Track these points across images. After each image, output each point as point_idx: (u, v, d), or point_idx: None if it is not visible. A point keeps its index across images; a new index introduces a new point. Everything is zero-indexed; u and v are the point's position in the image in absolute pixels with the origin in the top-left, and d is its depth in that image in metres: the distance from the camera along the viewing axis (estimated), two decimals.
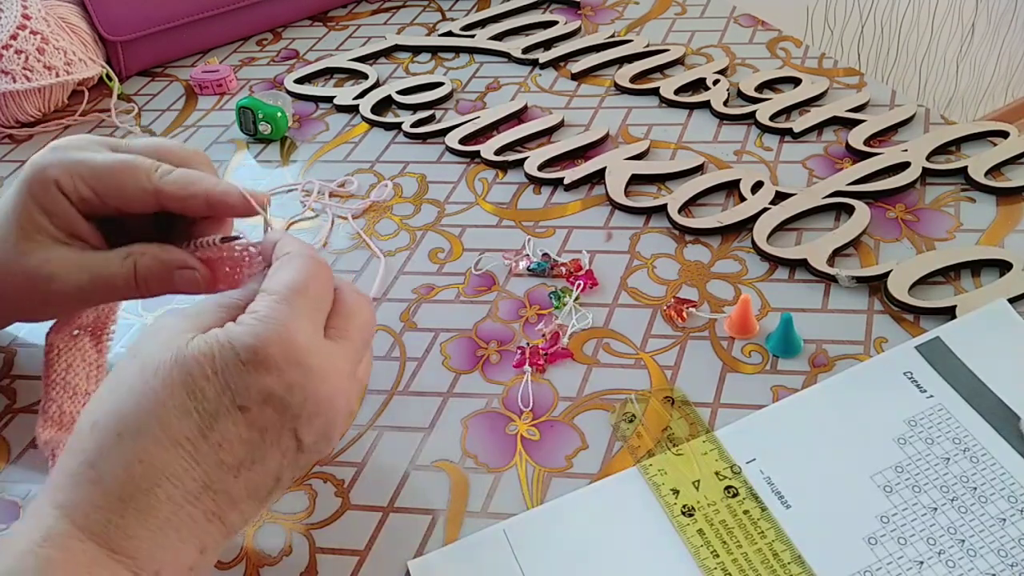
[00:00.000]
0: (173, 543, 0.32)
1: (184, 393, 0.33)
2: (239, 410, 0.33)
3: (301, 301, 0.35)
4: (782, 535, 0.39)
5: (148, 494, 0.32)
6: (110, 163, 0.42)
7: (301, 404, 0.34)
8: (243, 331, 0.34)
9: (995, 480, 0.40)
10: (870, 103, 0.65)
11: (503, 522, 0.41)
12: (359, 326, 0.38)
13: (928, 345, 0.46)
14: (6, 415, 0.50)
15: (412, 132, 0.67)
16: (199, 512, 0.33)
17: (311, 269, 0.37)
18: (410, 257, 0.57)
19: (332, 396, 0.35)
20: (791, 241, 0.54)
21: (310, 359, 0.34)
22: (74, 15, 0.76)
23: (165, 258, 0.42)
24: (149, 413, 0.32)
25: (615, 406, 0.46)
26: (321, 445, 0.36)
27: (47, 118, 0.75)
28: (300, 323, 0.34)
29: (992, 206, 0.55)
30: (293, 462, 0.35)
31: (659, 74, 0.72)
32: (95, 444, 0.33)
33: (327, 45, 0.82)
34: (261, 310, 0.34)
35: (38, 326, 0.54)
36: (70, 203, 0.42)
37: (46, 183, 0.41)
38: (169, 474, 0.32)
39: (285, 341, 0.34)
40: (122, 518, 0.32)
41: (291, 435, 0.34)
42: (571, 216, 0.59)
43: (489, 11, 0.83)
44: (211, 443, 0.33)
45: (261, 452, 0.34)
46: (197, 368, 0.33)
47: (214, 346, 0.33)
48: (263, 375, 0.33)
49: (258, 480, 0.34)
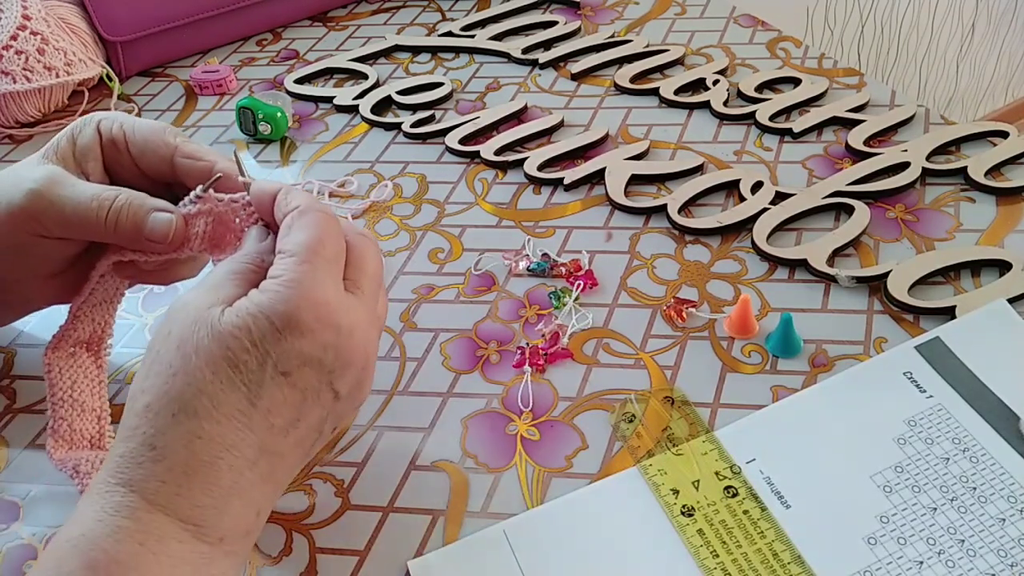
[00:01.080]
0: (236, 509, 0.34)
1: (228, 368, 0.34)
2: (282, 375, 0.35)
3: (321, 260, 0.36)
4: (782, 535, 0.39)
5: (211, 466, 0.33)
6: (149, 121, 0.46)
7: (335, 360, 0.36)
8: (272, 298, 0.35)
9: (995, 480, 0.40)
10: (870, 103, 0.65)
11: (503, 522, 0.41)
12: (370, 273, 0.39)
13: (928, 345, 0.46)
14: (6, 415, 0.50)
15: (412, 132, 0.67)
16: (256, 476, 0.35)
17: (323, 224, 0.37)
18: (410, 257, 0.57)
19: (361, 347, 0.37)
20: (791, 241, 0.54)
21: (339, 317, 0.36)
22: (74, 15, 0.76)
23: (146, 200, 0.42)
24: (199, 392, 0.34)
25: (615, 406, 0.46)
26: (356, 392, 0.38)
27: (47, 118, 0.75)
28: (325, 283, 0.36)
29: (992, 206, 0.55)
30: (332, 412, 0.37)
31: (659, 74, 0.72)
32: (152, 426, 0.34)
33: (327, 45, 0.82)
34: (285, 274, 0.35)
35: (38, 326, 0.55)
36: (99, 140, 0.44)
37: (90, 120, 0.45)
38: (228, 445, 0.34)
39: (315, 303, 0.35)
40: (188, 490, 0.33)
41: (329, 389, 0.36)
42: (571, 216, 0.59)
43: (489, 11, 0.83)
44: (260, 410, 0.34)
45: (305, 410, 0.36)
46: (235, 342, 0.34)
47: (247, 318, 0.34)
48: (299, 339, 0.35)
49: (303, 435, 0.36)
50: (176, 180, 0.44)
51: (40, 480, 0.45)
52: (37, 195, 0.42)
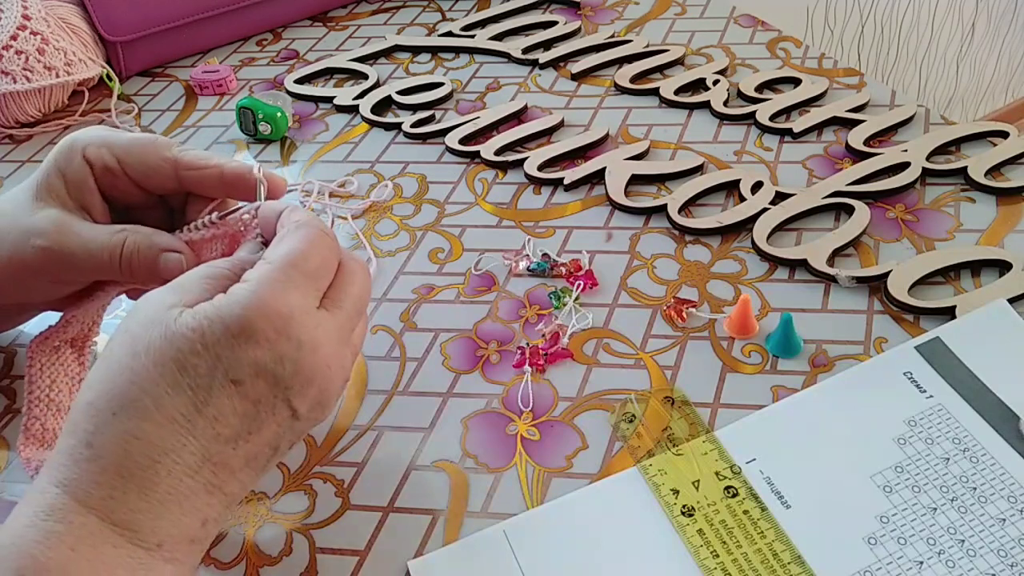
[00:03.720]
0: (174, 516, 0.33)
1: (176, 369, 0.33)
2: (232, 384, 0.33)
3: (296, 272, 0.35)
4: (782, 535, 0.39)
5: (147, 469, 0.32)
6: (136, 137, 0.43)
7: (293, 375, 0.34)
8: (232, 303, 0.34)
9: (995, 480, 0.40)
10: (870, 103, 0.65)
11: (503, 522, 0.41)
12: (353, 295, 0.38)
13: (928, 345, 0.46)
14: (6, 415, 0.50)
15: (412, 132, 0.67)
16: (199, 485, 0.33)
17: (314, 239, 0.37)
18: (410, 257, 0.57)
19: (324, 366, 0.35)
20: (791, 241, 0.54)
21: (301, 331, 0.34)
22: (74, 15, 0.76)
23: (154, 239, 0.42)
24: (142, 391, 0.33)
25: (615, 406, 0.46)
26: (316, 413, 0.36)
27: (47, 118, 0.75)
28: (291, 294, 0.34)
29: (992, 206, 0.55)
30: (289, 430, 0.36)
31: (659, 74, 0.72)
32: (92, 424, 0.33)
33: (327, 45, 0.82)
34: (253, 279, 0.34)
35: (38, 326, 0.54)
36: (91, 171, 0.43)
37: (73, 150, 0.43)
38: (167, 449, 0.32)
39: (274, 313, 0.34)
40: (123, 493, 0.32)
41: (285, 405, 0.35)
42: (571, 216, 0.59)
43: (489, 11, 0.83)
44: (206, 417, 0.33)
45: (257, 423, 0.34)
46: (187, 344, 0.33)
47: (203, 320, 0.33)
48: (254, 348, 0.33)
49: (255, 450, 0.35)
50: (182, 190, 0.44)
51: None
52: (48, 252, 0.42)
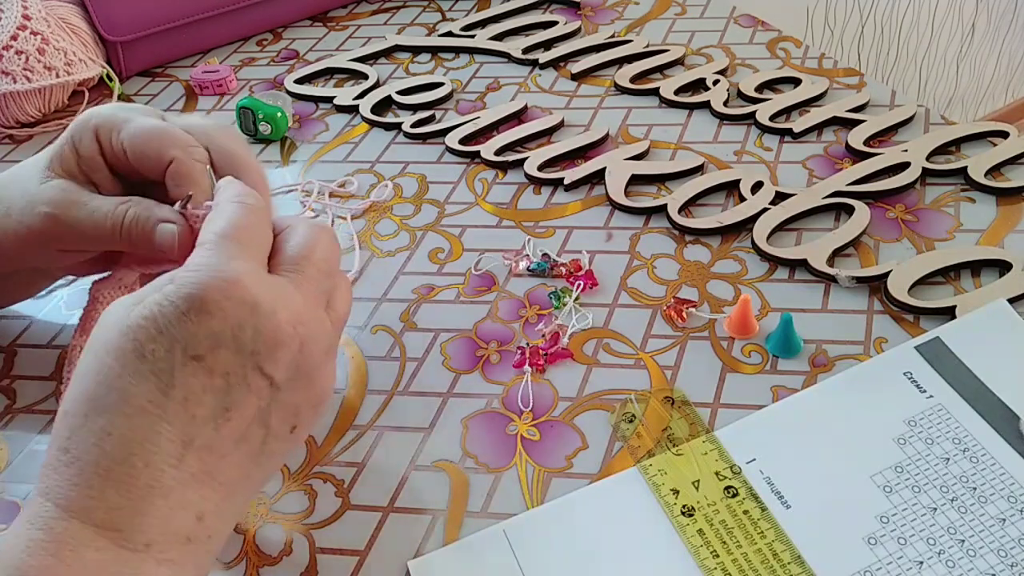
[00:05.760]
0: (161, 511, 0.32)
1: (135, 359, 0.32)
2: (193, 360, 0.33)
3: (232, 244, 0.35)
4: (782, 535, 0.39)
5: (123, 464, 0.32)
6: (145, 127, 0.42)
7: (255, 340, 0.34)
8: (178, 286, 0.33)
9: (995, 480, 0.40)
10: (870, 103, 0.65)
11: (503, 522, 0.41)
12: (316, 259, 0.37)
13: (928, 345, 0.46)
14: (6, 415, 0.50)
15: (412, 132, 0.67)
16: (185, 474, 0.33)
17: (241, 212, 0.37)
18: (410, 257, 0.57)
19: (288, 326, 0.34)
20: (791, 241, 0.54)
21: (255, 294, 0.34)
22: (74, 15, 0.76)
23: (154, 211, 0.42)
24: (109, 388, 0.32)
25: (615, 406, 0.46)
26: (301, 383, 0.36)
27: (47, 118, 0.75)
28: (234, 263, 0.34)
29: (992, 206, 0.55)
30: (272, 400, 0.35)
31: (659, 74, 0.72)
32: (67, 430, 0.33)
33: (327, 45, 0.82)
34: (193, 261, 0.34)
35: (39, 326, 0.55)
36: (99, 149, 0.43)
37: (87, 127, 0.43)
38: (141, 440, 0.32)
39: (222, 281, 0.33)
40: (101, 492, 0.31)
41: (257, 373, 0.34)
42: (571, 216, 0.59)
43: (489, 11, 0.83)
44: (176, 400, 0.33)
45: (233, 397, 0.34)
46: (142, 332, 0.33)
47: (153, 307, 0.33)
48: (207, 319, 0.33)
49: (242, 428, 0.34)
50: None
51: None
52: (54, 219, 0.43)
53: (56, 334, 0.54)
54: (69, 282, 0.57)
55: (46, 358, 0.53)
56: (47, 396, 0.50)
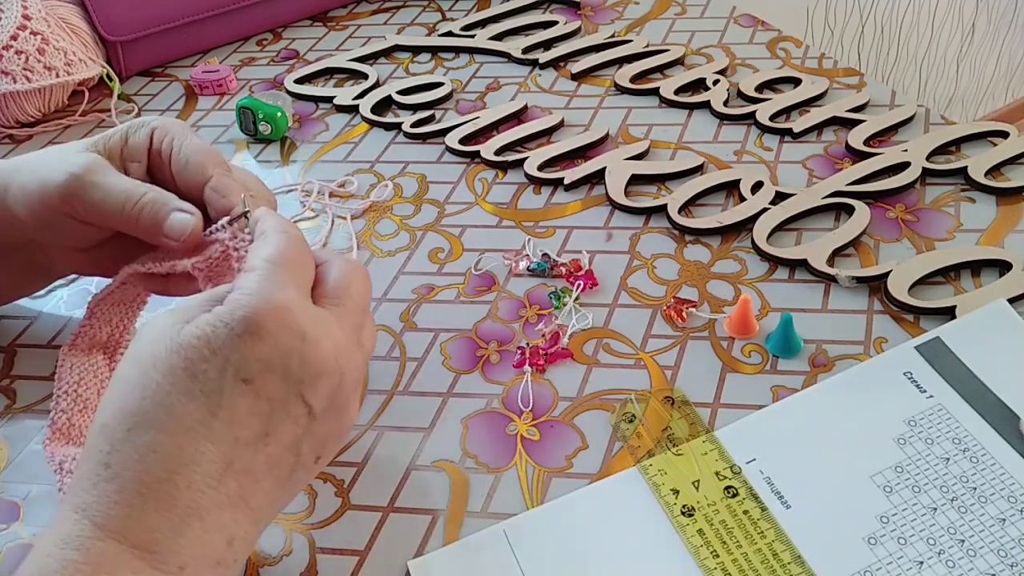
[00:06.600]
0: (196, 533, 0.32)
1: (186, 377, 0.33)
2: (243, 383, 0.33)
3: (282, 271, 0.36)
4: (782, 535, 0.39)
5: (166, 483, 0.32)
6: (195, 146, 0.44)
7: (301, 367, 0.34)
8: (232, 308, 0.34)
9: (995, 480, 0.40)
10: (870, 103, 0.65)
11: (503, 522, 0.41)
12: (354, 294, 0.38)
13: (928, 345, 0.46)
14: (6, 415, 0.50)
15: (412, 132, 0.67)
16: (222, 496, 0.33)
17: (286, 241, 0.37)
18: (410, 257, 0.57)
19: (331, 358, 0.35)
20: (791, 241, 0.54)
21: (303, 323, 0.34)
22: (74, 15, 0.76)
23: (171, 200, 0.42)
24: (155, 404, 0.32)
25: (615, 406, 0.46)
26: (332, 413, 0.36)
27: (47, 118, 0.75)
28: (286, 291, 0.35)
29: (992, 206, 0.55)
30: (307, 431, 0.35)
31: (659, 74, 0.72)
32: (107, 444, 0.32)
33: (327, 45, 0.82)
34: (246, 286, 0.35)
35: (39, 327, 0.55)
36: (149, 145, 0.45)
37: (145, 123, 0.45)
38: (186, 460, 0.32)
39: (275, 307, 0.34)
40: (142, 511, 0.31)
41: (299, 401, 0.34)
42: (571, 216, 0.59)
43: (489, 11, 0.83)
44: (222, 421, 0.33)
45: (274, 423, 0.34)
46: (194, 352, 0.33)
47: (206, 328, 0.33)
48: (259, 343, 0.33)
49: (277, 454, 0.34)
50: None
51: (40, 480, 0.45)
52: (75, 178, 0.43)
53: (56, 334, 0.54)
54: (69, 282, 0.57)
55: (46, 358, 0.53)
56: (47, 396, 0.50)
